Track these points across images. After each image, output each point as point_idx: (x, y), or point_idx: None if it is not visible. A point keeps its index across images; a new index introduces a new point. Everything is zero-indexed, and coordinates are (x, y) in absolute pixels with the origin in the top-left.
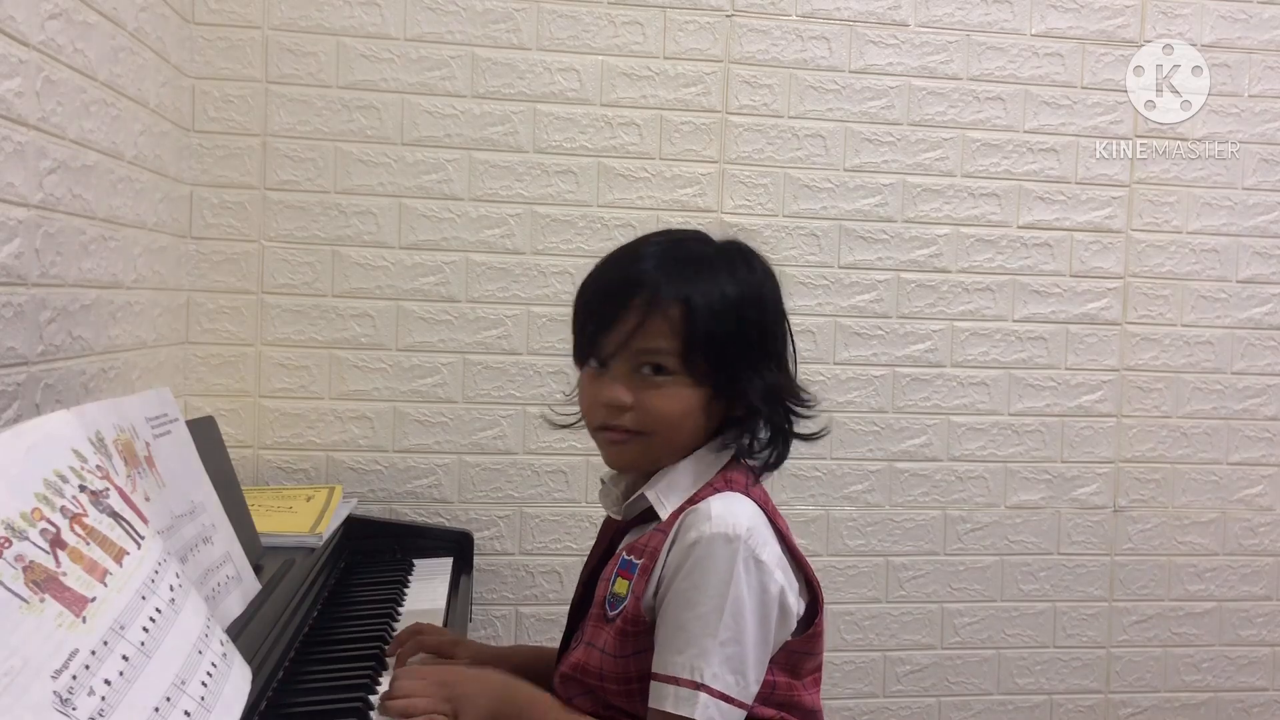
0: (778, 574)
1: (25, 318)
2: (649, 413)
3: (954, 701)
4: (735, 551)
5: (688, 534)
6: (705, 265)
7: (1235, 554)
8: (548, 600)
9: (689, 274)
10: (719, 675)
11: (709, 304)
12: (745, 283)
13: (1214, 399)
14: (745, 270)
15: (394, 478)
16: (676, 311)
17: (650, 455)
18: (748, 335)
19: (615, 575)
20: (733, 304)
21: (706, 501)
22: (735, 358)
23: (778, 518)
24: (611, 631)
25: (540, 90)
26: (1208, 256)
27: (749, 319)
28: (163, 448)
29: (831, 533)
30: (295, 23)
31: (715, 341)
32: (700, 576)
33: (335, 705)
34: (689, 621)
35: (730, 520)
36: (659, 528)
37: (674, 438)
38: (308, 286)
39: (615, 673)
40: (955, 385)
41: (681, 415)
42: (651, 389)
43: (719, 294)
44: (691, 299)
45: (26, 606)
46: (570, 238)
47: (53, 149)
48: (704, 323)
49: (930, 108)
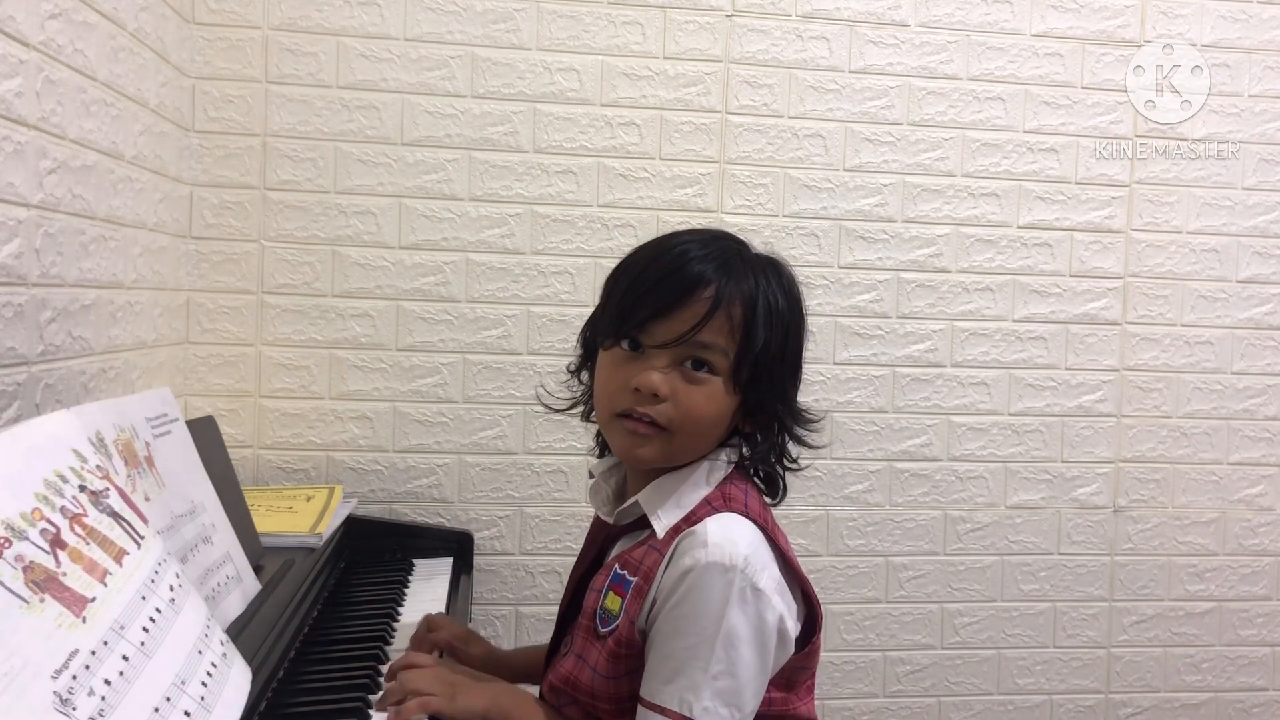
0: (775, 600)
1: (25, 318)
2: (684, 409)
3: (954, 701)
4: (731, 582)
5: (682, 559)
6: (763, 274)
7: (1235, 554)
8: (548, 600)
9: (752, 279)
10: (711, 709)
11: (769, 312)
12: (794, 300)
13: (1214, 399)
14: (791, 286)
15: (394, 478)
16: (739, 314)
17: (667, 454)
18: (790, 352)
19: (607, 588)
20: (784, 319)
21: (704, 524)
22: (774, 372)
23: (777, 532)
24: (604, 651)
25: (540, 90)
26: (1208, 256)
27: (793, 336)
28: (163, 448)
29: (831, 533)
30: (295, 23)
31: (766, 351)
32: (693, 606)
33: (335, 705)
34: (679, 651)
35: (728, 549)
36: (654, 545)
37: (697, 439)
38: (308, 286)
39: (607, 693)
40: (955, 385)
41: (714, 418)
42: (692, 385)
43: (778, 305)
44: (757, 304)
45: (26, 606)
46: (570, 238)
47: (53, 149)
48: (762, 330)
49: (930, 108)
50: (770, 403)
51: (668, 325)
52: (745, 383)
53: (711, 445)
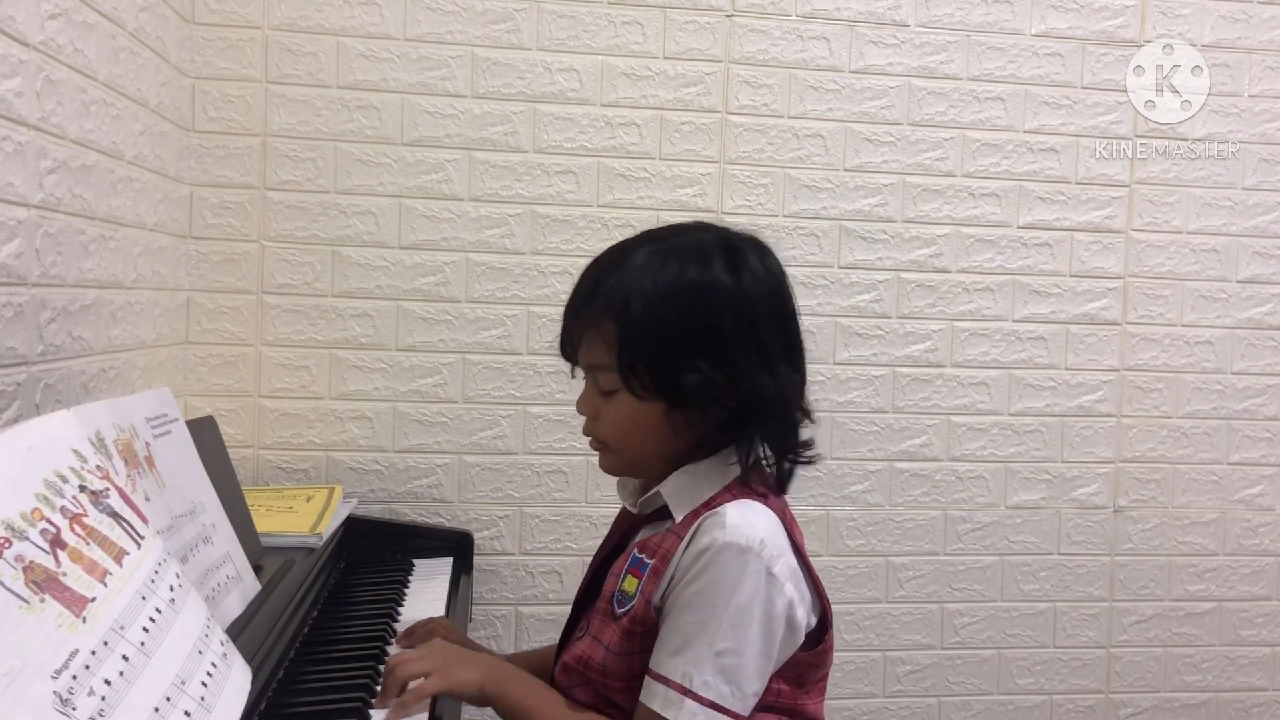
0: (788, 587)
1: (25, 318)
2: (605, 426)
3: (954, 702)
4: (746, 564)
5: (701, 539)
6: (645, 271)
7: (1235, 554)
8: (548, 600)
9: (630, 283)
10: (710, 684)
11: (644, 316)
12: (696, 286)
13: (1214, 399)
14: (699, 270)
15: (394, 478)
16: (610, 327)
17: (624, 466)
18: (689, 343)
19: (626, 572)
20: (671, 314)
21: (724, 507)
22: (677, 362)
23: (795, 529)
24: (617, 630)
25: (540, 90)
26: (1208, 256)
27: (691, 325)
28: (163, 448)
29: (831, 533)
30: (295, 23)
31: (651, 357)
32: (707, 583)
33: (335, 705)
34: (689, 625)
35: (746, 530)
36: (673, 529)
37: (638, 450)
38: (308, 286)
39: (618, 670)
40: (955, 385)
41: (637, 428)
42: (606, 403)
43: (657, 305)
44: (629, 309)
45: (26, 606)
46: (570, 238)
47: (53, 149)
48: (635, 340)
49: (930, 108)
50: (693, 394)
51: (567, 350)
52: (651, 389)
53: (671, 448)
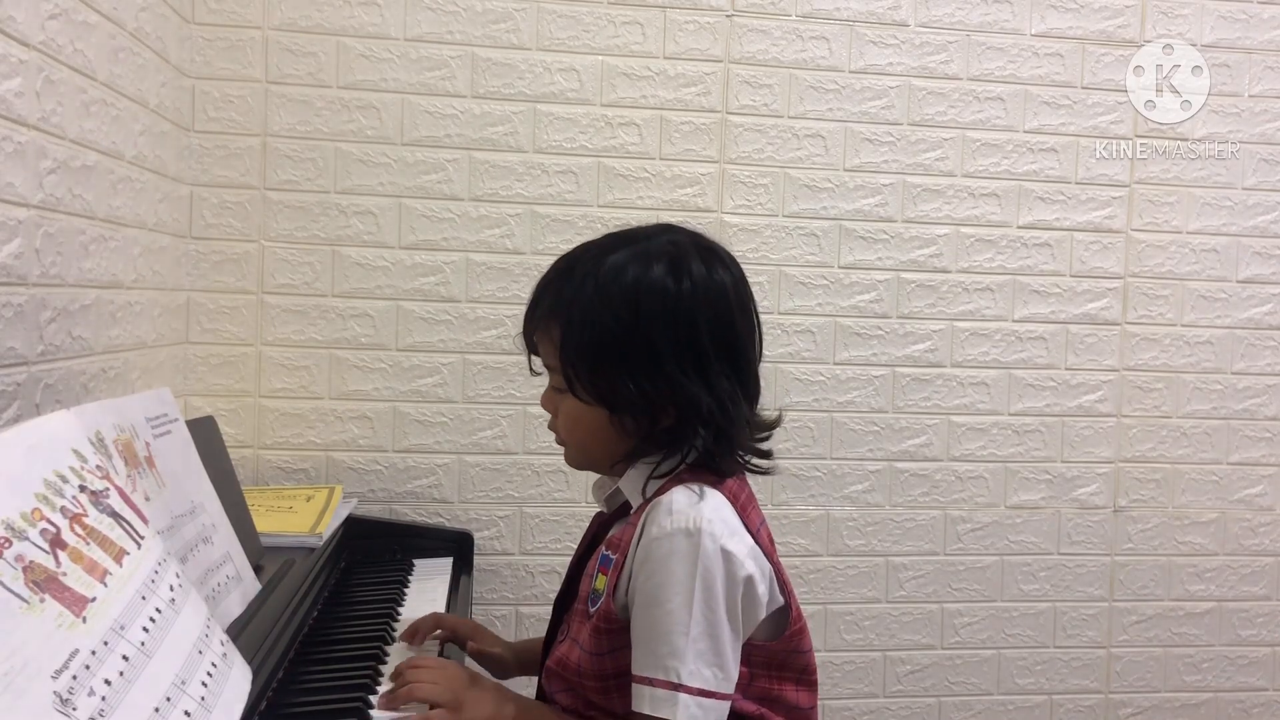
0: (749, 563)
1: (25, 318)
2: (560, 424)
3: (954, 702)
4: (697, 544)
5: (650, 529)
6: (590, 276)
7: (1235, 554)
8: (547, 600)
9: (574, 289)
10: (696, 672)
11: (583, 324)
12: (633, 294)
13: (1214, 399)
14: (639, 277)
15: (394, 478)
16: (557, 332)
17: (583, 461)
18: (625, 353)
19: (596, 571)
20: (608, 322)
21: (670, 494)
22: (616, 380)
23: (751, 509)
24: (589, 629)
25: (540, 90)
26: (1208, 256)
27: (626, 335)
28: (163, 448)
29: (831, 533)
30: (295, 23)
31: (589, 367)
32: (664, 574)
33: (335, 705)
34: (658, 619)
35: (690, 514)
36: (630, 520)
37: (588, 447)
38: (308, 286)
39: (592, 670)
40: (955, 385)
41: (583, 427)
42: (561, 401)
43: (595, 312)
44: (572, 315)
45: (26, 606)
46: (570, 238)
47: (53, 149)
48: (573, 348)
49: (930, 108)
50: (627, 404)
51: (530, 350)
52: (594, 393)
53: (618, 449)
